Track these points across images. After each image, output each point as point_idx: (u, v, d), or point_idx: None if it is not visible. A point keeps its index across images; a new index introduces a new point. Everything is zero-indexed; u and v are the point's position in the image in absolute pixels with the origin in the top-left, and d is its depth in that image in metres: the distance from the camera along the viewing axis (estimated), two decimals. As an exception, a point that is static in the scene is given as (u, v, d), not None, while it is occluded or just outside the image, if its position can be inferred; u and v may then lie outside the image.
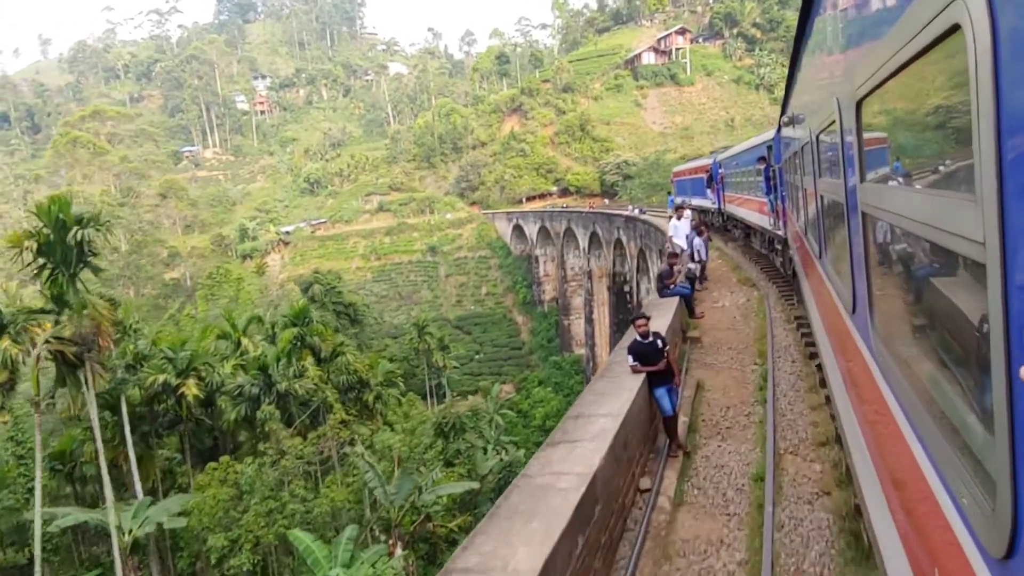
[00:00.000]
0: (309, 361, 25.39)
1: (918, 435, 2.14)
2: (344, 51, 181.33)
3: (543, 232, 73.14)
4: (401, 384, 32.78)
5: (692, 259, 16.80)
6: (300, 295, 56.01)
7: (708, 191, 26.38)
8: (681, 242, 15.53)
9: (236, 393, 22.47)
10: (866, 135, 2.94)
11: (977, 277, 1.46)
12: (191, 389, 22.60)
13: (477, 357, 69.59)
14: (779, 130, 12.14)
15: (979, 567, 1.53)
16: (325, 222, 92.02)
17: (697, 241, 17.04)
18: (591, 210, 62.58)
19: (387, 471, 19.72)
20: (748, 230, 20.15)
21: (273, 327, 27.92)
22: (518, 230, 79.85)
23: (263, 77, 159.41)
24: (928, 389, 2.11)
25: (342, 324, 54.08)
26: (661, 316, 10.75)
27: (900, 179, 2.49)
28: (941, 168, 1.97)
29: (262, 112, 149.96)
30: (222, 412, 23.37)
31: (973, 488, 1.56)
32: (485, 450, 45.59)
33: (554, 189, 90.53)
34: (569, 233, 65.81)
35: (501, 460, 31.92)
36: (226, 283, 49.02)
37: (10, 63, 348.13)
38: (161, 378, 22.55)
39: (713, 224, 28.41)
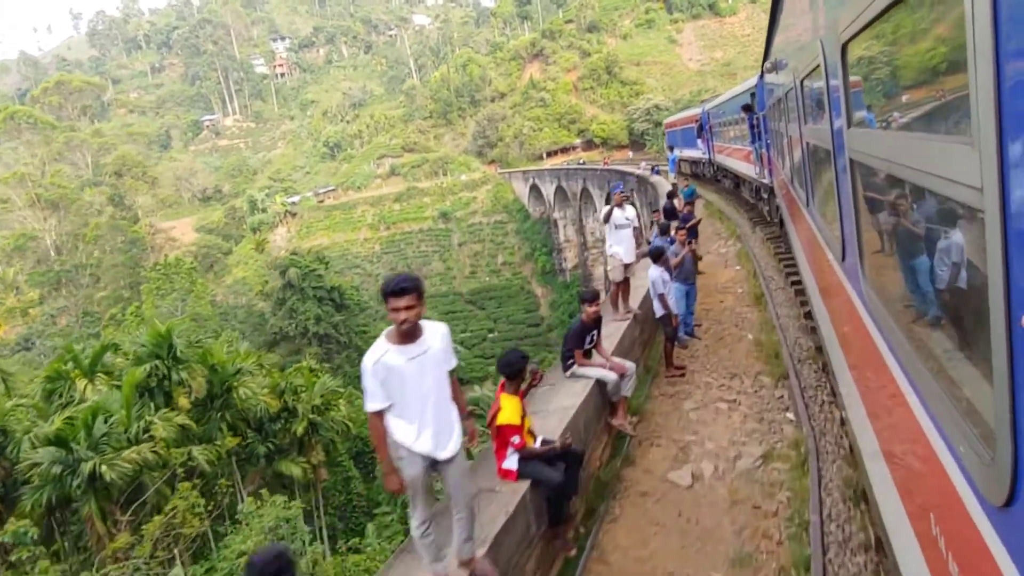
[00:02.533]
0: (182, 403, 19.04)
1: (912, 383, 2.09)
2: (366, 5, 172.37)
3: (560, 193, 64.87)
4: (343, 407, 26.28)
5: (654, 313, 8.80)
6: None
7: (699, 141, 25.73)
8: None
9: (28, 474, 16.22)
10: (852, 78, 2.84)
11: (974, 222, 1.40)
12: (-39, 469, 16.37)
13: (491, 336, 62.89)
14: (762, 76, 11.28)
15: (977, 515, 1.53)
16: (334, 190, 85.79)
17: (655, 274, 8.05)
18: (606, 166, 54.33)
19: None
20: (737, 180, 19.86)
21: (127, 358, 21.36)
22: (535, 191, 71.63)
23: (282, 38, 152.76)
24: (923, 337, 2.07)
25: (326, 311, 48.17)
26: None
27: (888, 123, 2.37)
28: (933, 110, 1.86)
29: (281, 75, 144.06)
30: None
31: (971, 437, 1.54)
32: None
33: (577, 142, 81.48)
34: (586, 194, 57.57)
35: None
36: (176, 275, 43.15)
37: (44, 39, 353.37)
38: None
39: (704, 175, 27.41)
